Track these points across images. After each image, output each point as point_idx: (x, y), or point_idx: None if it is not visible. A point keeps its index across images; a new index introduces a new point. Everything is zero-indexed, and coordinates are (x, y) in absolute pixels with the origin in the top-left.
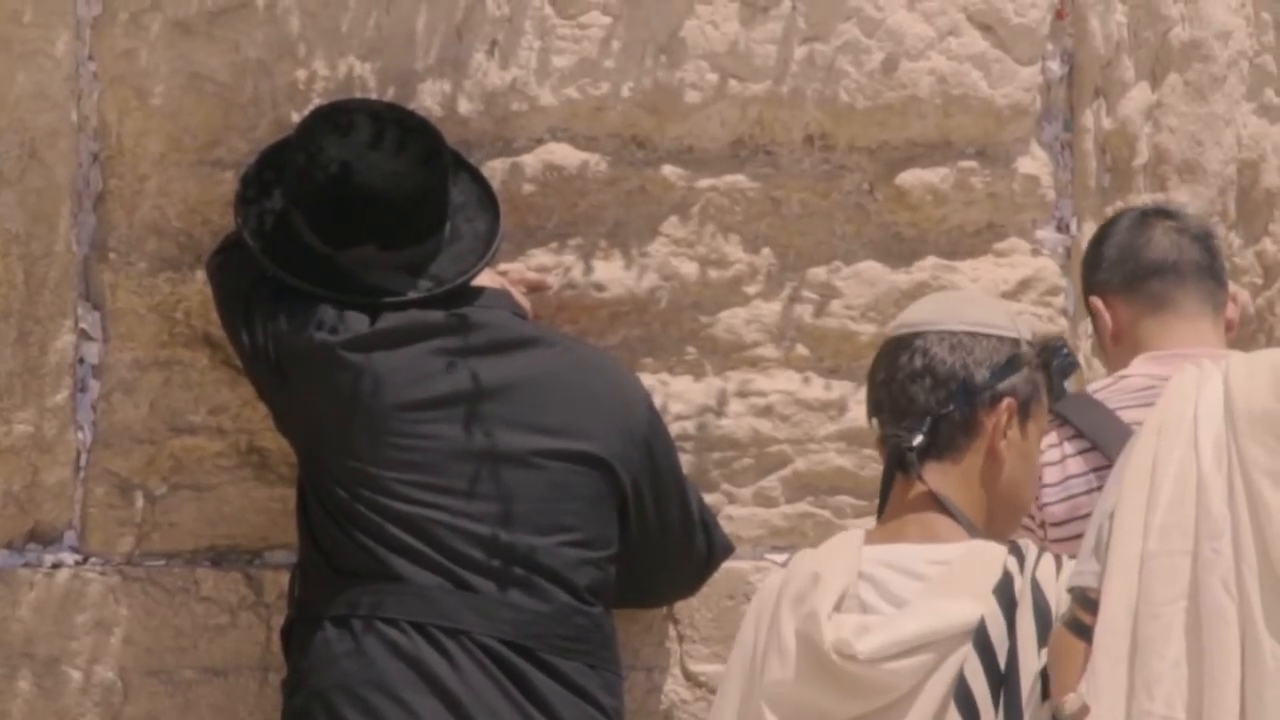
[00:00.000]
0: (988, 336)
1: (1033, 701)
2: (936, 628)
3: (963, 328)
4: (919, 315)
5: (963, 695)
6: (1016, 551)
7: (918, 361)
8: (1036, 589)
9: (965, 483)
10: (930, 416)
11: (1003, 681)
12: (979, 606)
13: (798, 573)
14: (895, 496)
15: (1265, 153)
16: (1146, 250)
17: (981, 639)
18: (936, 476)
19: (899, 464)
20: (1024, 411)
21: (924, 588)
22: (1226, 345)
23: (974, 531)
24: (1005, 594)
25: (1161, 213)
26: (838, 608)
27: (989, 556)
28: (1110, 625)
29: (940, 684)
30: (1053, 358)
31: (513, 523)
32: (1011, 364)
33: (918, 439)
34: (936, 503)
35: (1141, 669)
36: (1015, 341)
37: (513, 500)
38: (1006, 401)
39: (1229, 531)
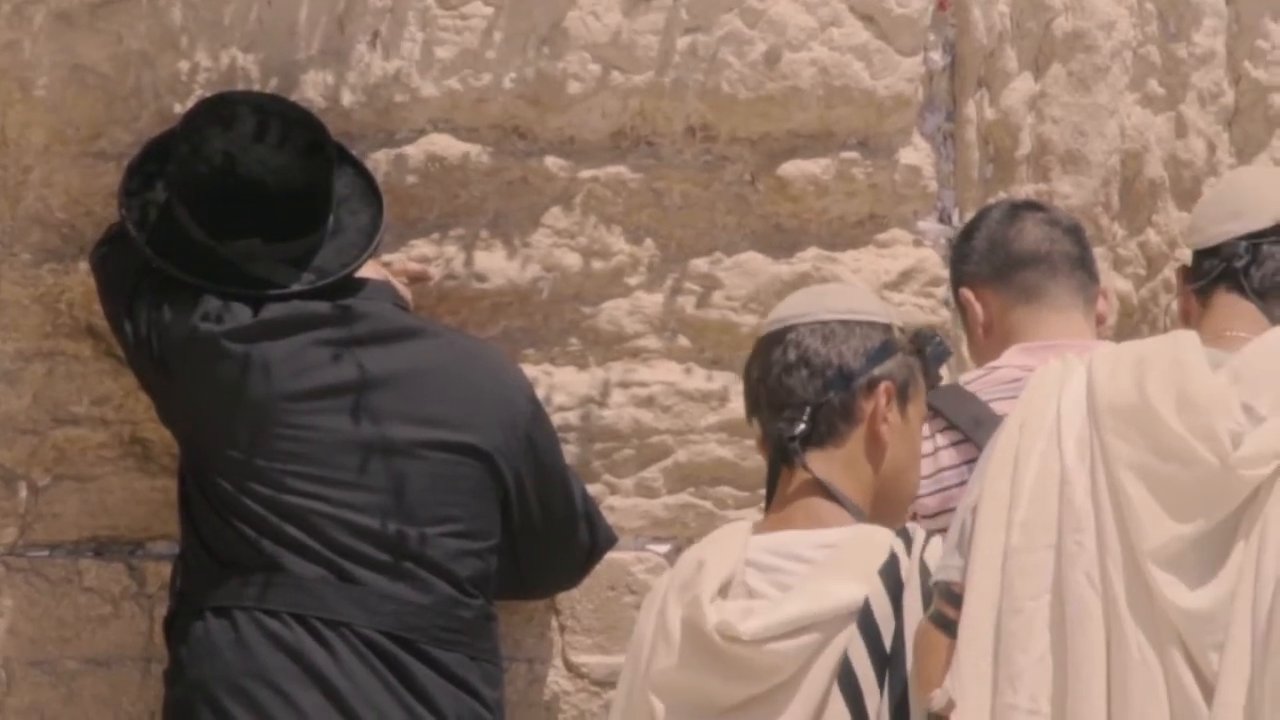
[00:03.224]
0: (859, 323)
1: None
2: (820, 609)
3: (833, 317)
4: (789, 310)
5: (846, 676)
6: (904, 535)
7: (791, 354)
8: (925, 571)
9: (849, 468)
10: (809, 405)
11: (887, 662)
12: (864, 587)
13: (684, 562)
14: (780, 488)
15: (1149, 143)
16: (1018, 241)
17: (866, 620)
18: (820, 464)
19: (782, 455)
20: (902, 395)
21: (810, 570)
22: (1098, 338)
23: (859, 515)
24: (891, 575)
25: (1032, 205)
26: (724, 594)
27: (876, 539)
28: (973, 621)
29: (826, 666)
30: (926, 344)
31: (395, 514)
32: (885, 349)
33: (799, 428)
34: (821, 489)
35: (1006, 664)
36: (887, 327)
37: (395, 491)
38: (884, 385)
39: (1092, 525)
